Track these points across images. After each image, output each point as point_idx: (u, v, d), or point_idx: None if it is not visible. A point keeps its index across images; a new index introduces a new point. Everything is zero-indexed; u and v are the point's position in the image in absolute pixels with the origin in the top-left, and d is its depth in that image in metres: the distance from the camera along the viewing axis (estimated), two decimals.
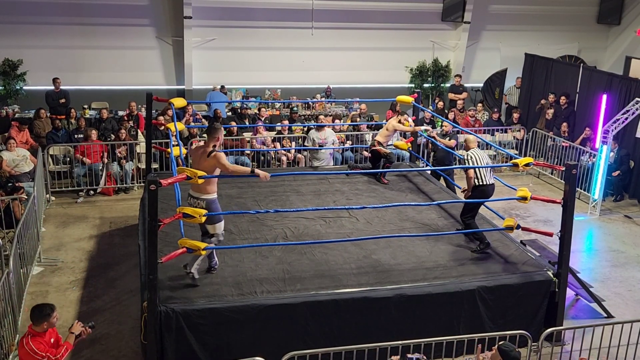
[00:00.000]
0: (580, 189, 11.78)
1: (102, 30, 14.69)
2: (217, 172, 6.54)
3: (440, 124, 14.01)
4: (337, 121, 13.52)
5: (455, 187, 10.07)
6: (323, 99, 15.17)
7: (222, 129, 6.92)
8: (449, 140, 10.63)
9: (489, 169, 7.87)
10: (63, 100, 13.48)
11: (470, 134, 8.72)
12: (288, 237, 7.88)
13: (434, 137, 10.86)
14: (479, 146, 8.48)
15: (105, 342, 7.05)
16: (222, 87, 14.95)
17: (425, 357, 5.24)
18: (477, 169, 7.77)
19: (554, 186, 12.70)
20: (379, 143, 10.14)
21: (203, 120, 13.81)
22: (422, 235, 7.92)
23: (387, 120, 11.25)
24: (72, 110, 13.13)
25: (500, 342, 5.08)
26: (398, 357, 5.29)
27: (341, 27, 15.92)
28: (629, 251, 9.92)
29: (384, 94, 14.14)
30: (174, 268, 6.80)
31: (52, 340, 5.34)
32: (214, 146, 6.55)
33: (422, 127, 10.79)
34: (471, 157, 7.87)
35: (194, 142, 12.02)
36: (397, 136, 12.69)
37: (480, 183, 7.80)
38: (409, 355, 5.24)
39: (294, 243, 7.54)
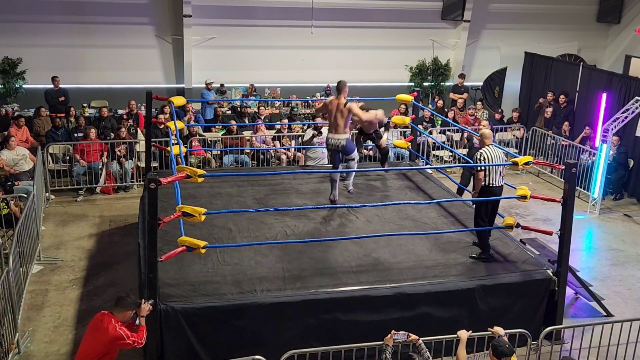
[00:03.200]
0: (580, 187, 11.78)
1: (101, 28, 14.67)
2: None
3: (439, 122, 14.06)
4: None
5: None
6: (323, 98, 15.17)
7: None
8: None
9: (499, 170, 7.35)
10: (62, 99, 13.48)
11: (471, 133, 8.67)
12: (288, 236, 7.87)
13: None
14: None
15: None
16: (222, 85, 14.91)
17: (409, 334, 5.36)
18: (487, 169, 7.31)
19: (553, 185, 12.71)
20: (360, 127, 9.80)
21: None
22: (422, 234, 7.93)
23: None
24: (72, 109, 13.13)
25: (495, 339, 5.18)
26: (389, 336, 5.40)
27: (341, 25, 15.90)
28: (629, 250, 9.93)
29: (384, 93, 14.11)
30: (174, 267, 6.81)
31: None
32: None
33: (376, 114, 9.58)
34: (482, 155, 7.29)
35: (194, 140, 12.03)
36: (397, 135, 12.71)
37: (487, 184, 7.34)
38: (395, 333, 5.35)
39: (293, 242, 7.55)
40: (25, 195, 9.09)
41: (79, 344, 6.94)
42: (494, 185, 7.38)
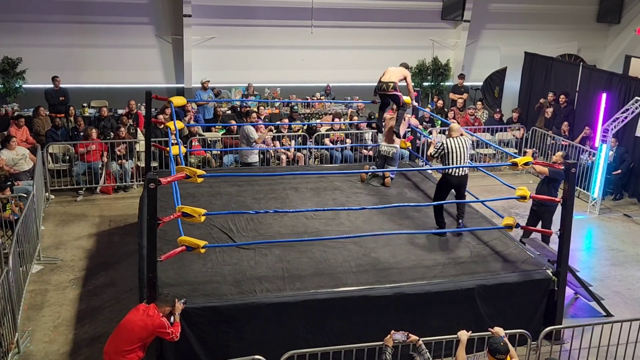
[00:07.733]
0: (580, 187, 11.78)
1: (101, 28, 14.67)
2: None
3: (439, 123, 14.05)
4: (336, 119, 13.52)
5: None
6: (322, 98, 15.17)
7: None
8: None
9: (463, 160, 7.82)
10: (62, 98, 13.47)
11: (470, 134, 8.66)
12: (287, 236, 7.86)
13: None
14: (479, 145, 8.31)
15: (105, 341, 6.99)
16: (214, 88, 14.83)
17: (409, 334, 5.47)
18: (447, 157, 7.81)
19: None
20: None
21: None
22: (421, 233, 7.92)
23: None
24: (72, 109, 13.12)
25: (491, 338, 5.30)
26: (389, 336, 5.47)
27: (341, 25, 15.90)
28: (628, 250, 9.93)
29: None
30: (174, 266, 6.81)
31: None
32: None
33: None
34: (442, 143, 7.92)
35: (194, 140, 12.02)
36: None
37: (447, 172, 7.86)
38: (394, 333, 5.43)
39: (293, 240, 7.54)
40: (25, 195, 9.09)
41: (79, 344, 7.00)
42: (452, 174, 7.86)
